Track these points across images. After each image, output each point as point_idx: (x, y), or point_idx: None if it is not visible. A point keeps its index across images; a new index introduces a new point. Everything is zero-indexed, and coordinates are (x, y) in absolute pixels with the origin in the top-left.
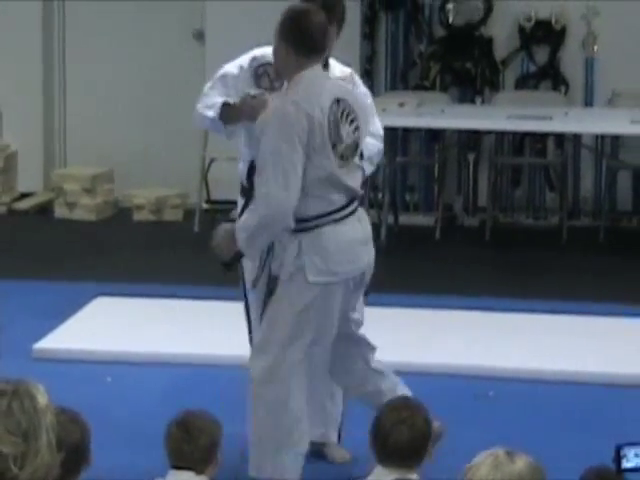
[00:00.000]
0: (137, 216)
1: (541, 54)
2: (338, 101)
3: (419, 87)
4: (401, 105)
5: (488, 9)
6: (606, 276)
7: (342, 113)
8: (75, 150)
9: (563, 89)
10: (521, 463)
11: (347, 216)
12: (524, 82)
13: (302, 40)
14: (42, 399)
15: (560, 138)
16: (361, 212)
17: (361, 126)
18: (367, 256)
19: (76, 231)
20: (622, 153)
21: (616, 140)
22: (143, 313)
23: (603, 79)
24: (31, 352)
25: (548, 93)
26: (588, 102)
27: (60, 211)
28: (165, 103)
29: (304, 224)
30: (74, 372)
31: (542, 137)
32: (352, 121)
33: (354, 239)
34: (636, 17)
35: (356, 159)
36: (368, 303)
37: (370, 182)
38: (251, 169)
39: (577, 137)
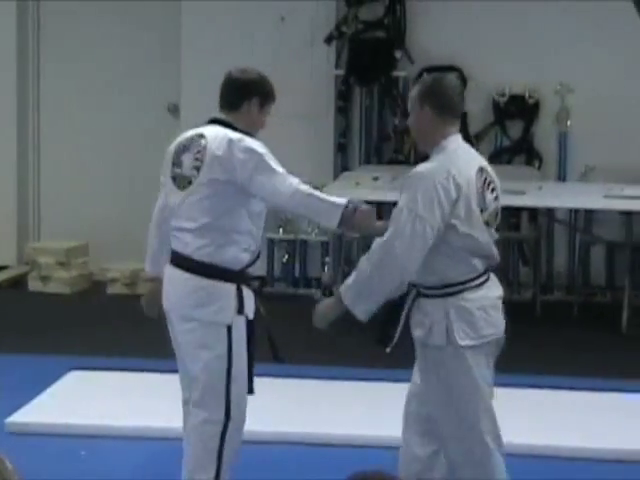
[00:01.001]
0: (111, 289)
1: (515, 129)
2: (481, 169)
3: (393, 161)
4: (375, 179)
5: (462, 84)
6: (579, 351)
7: (485, 181)
8: (49, 223)
9: (537, 163)
10: None
11: (486, 281)
12: (498, 156)
13: (446, 104)
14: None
15: (534, 212)
16: (493, 277)
17: (499, 195)
18: (503, 320)
19: (50, 304)
20: (595, 227)
21: (589, 214)
22: (117, 387)
23: (576, 153)
24: (3, 426)
25: (522, 167)
26: (561, 176)
27: (34, 284)
28: (140, 176)
29: (449, 289)
30: (47, 446)
31: (516, 211)
32: (493, 190)
33: (493, 304)
34: (609, 91)
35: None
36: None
37: (344, 255)
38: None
39: (551, 212)
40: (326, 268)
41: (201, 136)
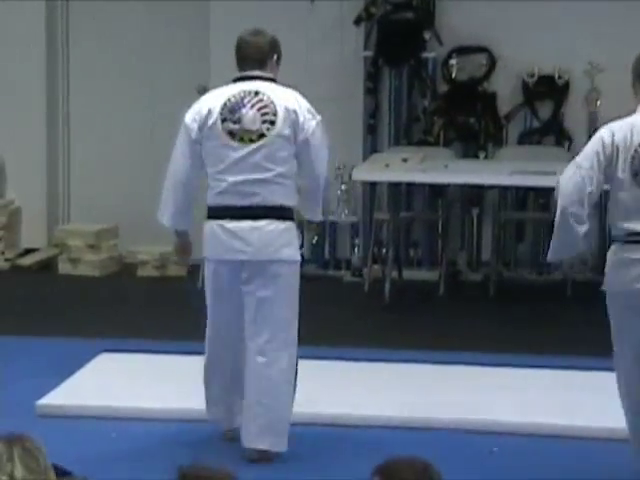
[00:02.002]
0: (141, 272)
1: (544, 109)
2: None
3: (422, 142)
4: (404, 160)
5: (491, 65)
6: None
7: None
8: (79, 206)
9: (567, 144)
10: None
11: None
12: (527, 137)
13: None
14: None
15: None
16: None
17: None
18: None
19: (80, 287)
20: None
21: None
22: (147, 369)
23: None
24: (35, 408)
25: (551, 148)
26: None
27: (64, 267)
28: (169, 158)
29: None
30: (78, 428)
31: (546, 192)
32: None
33: None
34: None
35: None
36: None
37: (374, 237)
38: None
39: None
40: (356, 250)
41: (257, 93)
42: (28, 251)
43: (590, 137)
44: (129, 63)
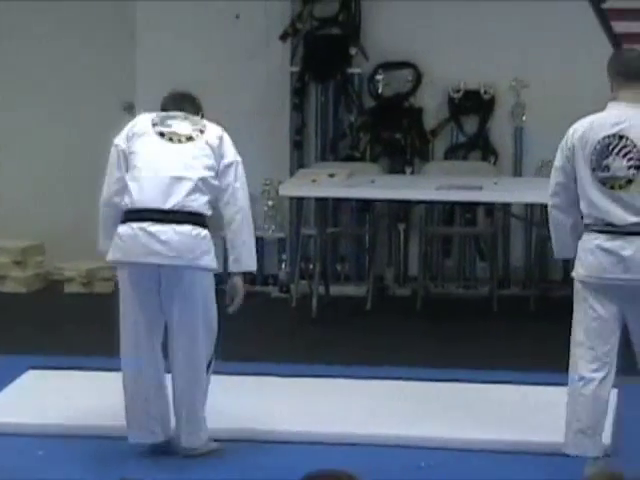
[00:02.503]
0: (68, 288)
1: (470, 124)
2: None
3: (349, 158)
4: (331, 176)
5: (417, 80)
6: (537, 345)
7: None
8: (5, 222)
9: (492, 159)
10: None
11: None
12: (453, 152)
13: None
14: None
15: (490, 207)
16: None
17: None
18: None
19: (6, 304)
20: None
21: (545, 209)
22: (74, 386)
23: (532, 149)
24: None
25: (477, 163)
26: (517, 171)
27: None
28: (96, 175)
29: None
30: (4, 446)
31: (472, 207)
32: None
33: None
34: (564, 87)
35: None
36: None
37: (301, 253)
38: None
39: (507, 206)
40: (283, 266)
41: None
42: None
43: (516, 152)
44: (55, 78)
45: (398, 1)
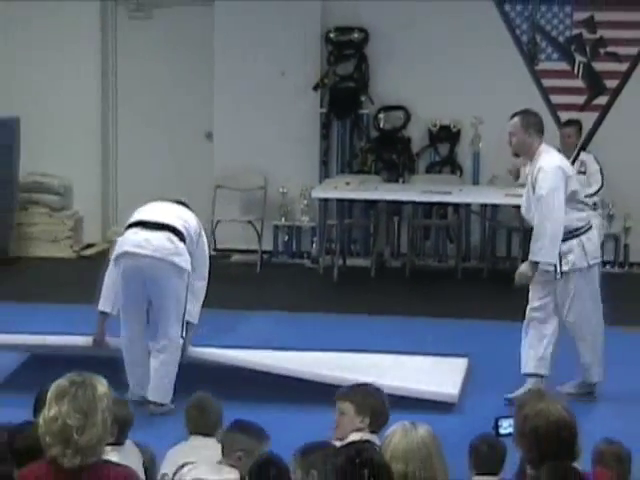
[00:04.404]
0: None
1: (443, 149)
2: None
3: (360, 171)
4: (347, 184)
5: (407, 118)
6: (488, 302)
7: None
8: (125, 213)
9: (459, 173)
10: (423, 430)
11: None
12: (432, 168)
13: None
14: (102, 388)
15: (456, 206)
16: None
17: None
18: None
19: None
20: (499, 216)
21: (495, 208)
22: None
23: (486, 166)
24: None
25: (448, 176)
26: (475, 182)
27: None
28: (183, 185)
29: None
30: None
31: (444, 206)
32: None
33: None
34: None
35: None
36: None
37: (327, 236)
38: None
39: (468, 206)
40: (314, 245)
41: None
42: (89, 245)
43: (475, 170)
44: (155, 114)
45: (393, 66)
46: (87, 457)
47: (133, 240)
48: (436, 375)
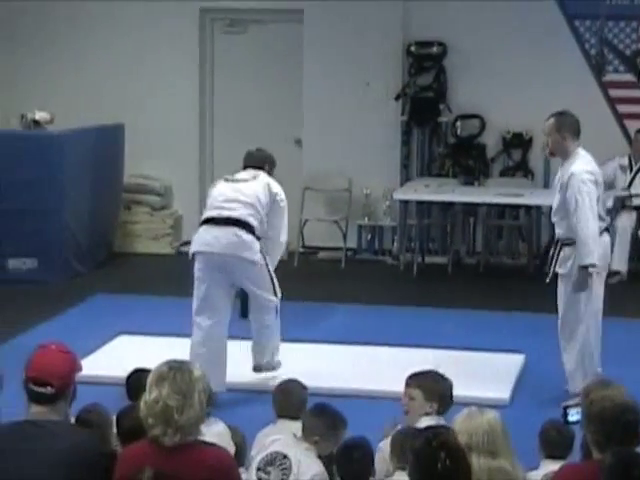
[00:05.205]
0: None
1: (516, 155)
2: None
3: (438, 175)
4: (427, 186)
5: (482, 126)
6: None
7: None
8: None
9: (530, 177)
10: (489, 413)
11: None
12: (505, 172)
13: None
14: (197, 372)
15: (528, 208)
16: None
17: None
18: None
19: None
20: None
21: None
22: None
23: (556, 170)
24: None
25: (520, 179)
26: (546, 185)
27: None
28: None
29: None
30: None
31: (516, 207)
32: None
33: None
34: None
35: None
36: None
37: (407, 235)
38: None
39: (539, 207)
40: (395, 243)
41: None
42: (187, 242)
43: (545, 174)
44: (248, 124)
45: (469, 77)
46: (186, 435)
47: (204, 238)
48: (489, 375)
